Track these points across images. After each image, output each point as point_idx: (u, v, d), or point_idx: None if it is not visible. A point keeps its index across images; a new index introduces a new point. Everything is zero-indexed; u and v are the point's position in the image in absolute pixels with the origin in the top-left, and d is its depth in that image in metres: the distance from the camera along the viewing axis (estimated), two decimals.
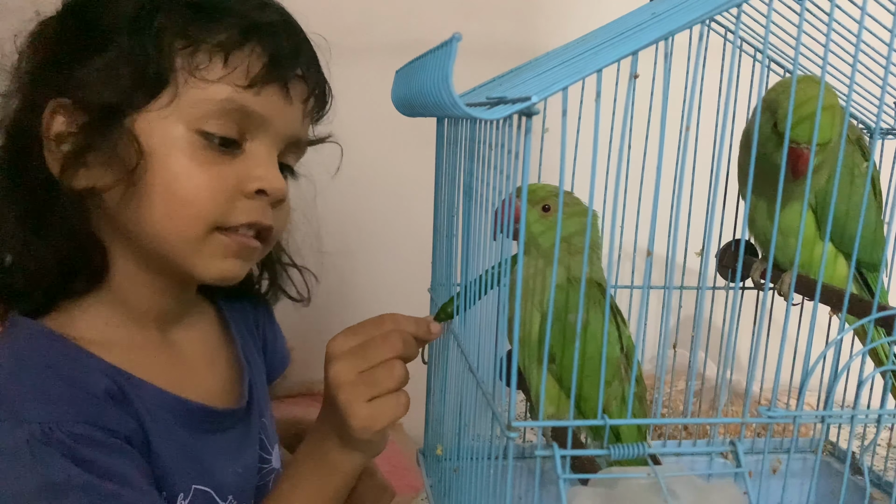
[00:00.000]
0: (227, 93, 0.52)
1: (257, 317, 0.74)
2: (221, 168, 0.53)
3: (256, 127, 0.55)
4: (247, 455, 0.63)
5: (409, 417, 0.55)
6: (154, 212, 0.52)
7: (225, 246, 0.55)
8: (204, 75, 0.52)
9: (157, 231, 0.53)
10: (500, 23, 1.19)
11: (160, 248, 0.54)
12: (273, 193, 0.55)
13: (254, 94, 0.53)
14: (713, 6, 0.38)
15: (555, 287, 0.49)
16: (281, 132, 0.57)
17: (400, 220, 1.23)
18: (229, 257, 0.55)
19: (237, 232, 0.55)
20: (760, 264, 0.71)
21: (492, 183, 0.44)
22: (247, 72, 0.53)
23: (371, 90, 0.94)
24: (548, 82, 0.37)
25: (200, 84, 0.52)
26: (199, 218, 0.53)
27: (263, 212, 0.56)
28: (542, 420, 0.49)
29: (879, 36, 0.51)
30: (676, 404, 1.03)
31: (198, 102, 0.52)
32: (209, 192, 0.52)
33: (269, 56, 0.54)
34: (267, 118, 0.55)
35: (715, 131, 0.58)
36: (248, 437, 0.63)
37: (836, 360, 0.50)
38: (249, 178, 0.54)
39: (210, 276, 0.56)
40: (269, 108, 0.55)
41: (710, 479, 0.49)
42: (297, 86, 0.57)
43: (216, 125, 0.53)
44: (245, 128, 0.54)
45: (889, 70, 0.46)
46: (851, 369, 0.49)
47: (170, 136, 0.52)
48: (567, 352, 0.58)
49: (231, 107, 0.53)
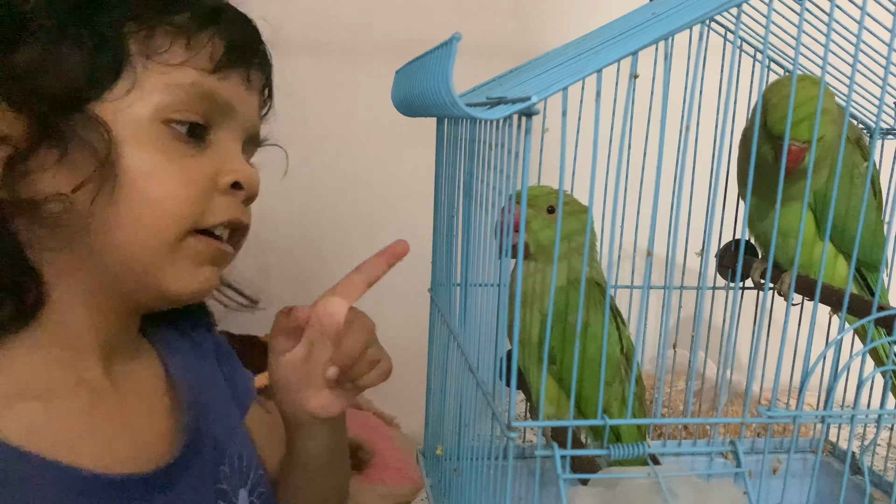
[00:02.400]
0: (192, 77, 0.48)
1: (208, 342, 0.65)
2: (193, 161, 0.49)
3: (223, 115, 0.51)
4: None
5: (409, 417, 0.55)
6: (121, 216, 0.46)
7: (199, 252, 0.50)
8: (165, 59, 0.47)
9: (126, 239, 0.46)
10: (500, 23, 1.19)
11: (125, 262, 0.47)
12: (249, 185, 0.52)
13: (219, 79, 0.50)
14: (713, 6, 0.38)
15: (555, 288, 0.49)
16: (244, 122, 0.53)
17: (400, 220, 1.23)
18: (204, 265, 0.50)
19: (212, 235, 0.50)
20: (760, 264, 0.71)
21: (492, 183, 0.44)
22: (211, 55, 0.49)
23: (371, 90, 0.94)
24: (548, 82, 0.37)
25: (162, 69, 0.47)
26: (175, 218, 0.48)
27: (239, 208, 0.52)
28: (542, 420, 0.49)
29: (879, 36, 0.51)
30: (676, 404, 1.03)
31: (162, 88, 0.47)
32: (184, 188, 0.48)
33: (228, 42, 0.50)
34: (233, 106, 0.51)
35: (715, 131, 0.58)
36: (193, 494, 0.53)
37: (836, 360, 0.50)
38: (223, 171, 0.50)
39: (183, 289, 0.50)
40: (234, 95, 0.51)
41: (710, 479, 0.49)
42: (255, 74, 0.54)
43: (183, 113, 0.48)
44: (211, 116, 0.50)
45: (889, 70, 0.46)
46: (851, 369, 0.49)
47: (133, 128, 0.46)
48: (567, 352, 0.58)
49: (198, 92, 0.48)
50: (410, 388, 0.85)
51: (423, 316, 0.71)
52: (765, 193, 0.64)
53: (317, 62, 1.16)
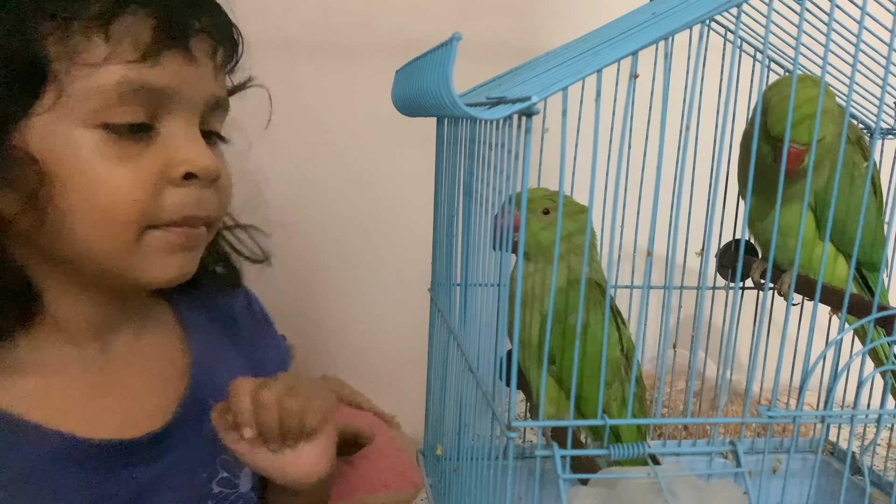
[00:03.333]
0: (119, 74, 0.44)
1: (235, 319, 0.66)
2: (139, 160, 0.46)
3: (166, 103, 0.47)
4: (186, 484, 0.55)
5: (409, 417, 0.55)
6: (76, 229, 0.46)
7: (166, 241, 0.49)
8: (86, 59, 0.44)
9: (86, 248, 0.47)
10: (500, 23, 1.19)
11: (95, 265, 0.48)
12: (203, 173, 0.49)
13: (151, 66, 0.45)
14: (713, 6, 0.38)
15: (555, 289, 0.49)
16: (195, 100, 0.49)
17: (400, 220, 1.23)
18: (175, 252, 0.49)
19: (175, 226, 0.49)
20: (760, 264, 0.71)
21: (492, 183, 0.44)
22: (135, 42, 0.45)
23: (371, 90, 0.94)
24: (548, 82, 0.37)
25: (86, 71, 0.44)
26: (124, 222, 0.46)
27: (199, 200, 0.49)
28: (542, 420, 0.49)
29: (879, 36, 0.51)
30: (676, 404, 1.03)
31: (89, 93, 0.44)
32: (130, 192, 0.46)
33: (156, 17, 0.46)
34: (175, 90, 0.47)
35: (715, 131, 0.58)
36: (190, 461, 0.55)
37: (836, 360, 0.50)
38: (173, 163, 0.48)
39: (158, 279, 0.50)
40: (174, 77, 0.47)
41: (710, 479, 0.49)
42: (200, 42, 0.49)
43: (119, 114, 0.45)
44: (153, 107, 0.47)
45: (889, 70, 0.46)
46: (851, 369, 0.49)
47: (69, 139, 0.44)
48: (567, 353, 0.58)
49: (129, 89, 0.45)
50: (410, 388, 0.85)
51: (423, 316, 0.71)
52: (765, 193, 0.64)
53: (317, 62, 1.16)
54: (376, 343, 1.28)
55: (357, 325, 1.30)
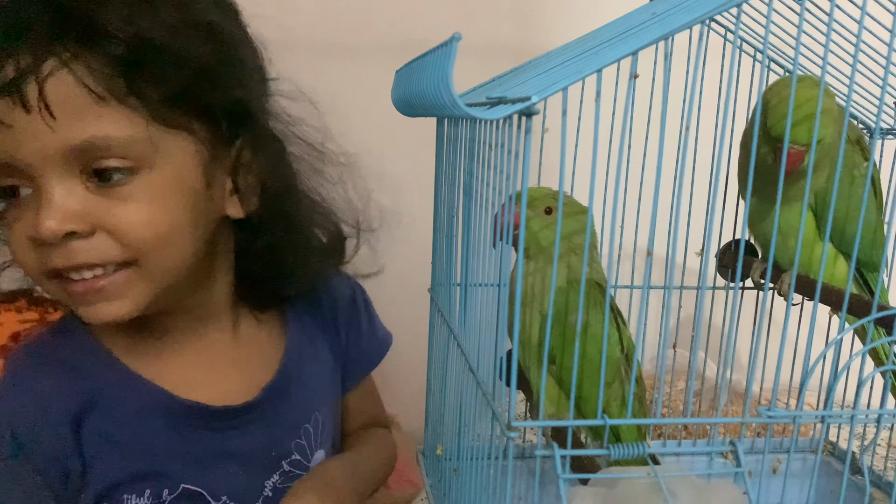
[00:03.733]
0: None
1: (336, 313, 0.69)
2: (12, 224, 0.48)
3: (7, 170, 0.45)
4: (256, 457, 0.60)
5: (409, 417, 0.55)
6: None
7: (66, 294, 0.49)
8: None
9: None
10: (500, 23, 1.19)
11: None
12: (42, 238, 0.45)
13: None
14: (713, 6, 0.38)
15: (555, 289, 0.49)
16: (29, 161, 0.44)
17: (400, 220, 1.23)
18: (80, 305, 0.50)
19: (71, 278, 0.48)
20: (760, 264, 0.71)
21: (492, 183, 0.44)
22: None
23: (371, 90, 0.94)
24: (548, 82, 0.37)
25: None
26: (33, 275, 0.50)
27: (70, 253, 0.47)
28: (542, 420, 0.49)
29: (879, 36, 0.51)
30: (676, 404, 1.03)
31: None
32: (15, 247, 0.48)
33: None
34: (9, 154, 0.44)
35: (715, 131, 0.58)
36: (264, 439, 0.60)
37: (836, 360, 0.50)
38: (32, 223, 0.46)
39: (87, 320, 0.50)
40: (5, 141, 0.44)
41: (710, 479, 0.49)
42: (2, 103, 0.43)
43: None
44: (6, 174, 0.46)
45: (889, 70, 0.46)
46: (851, 369, 0.49)
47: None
48: (567, 353, 0.58)
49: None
50: (410, 387, 0.85)
51: (423, 316, 0.71)
52: (765, 193, 0.64)
53: (317, 62, 1.16)
54: None
55: None
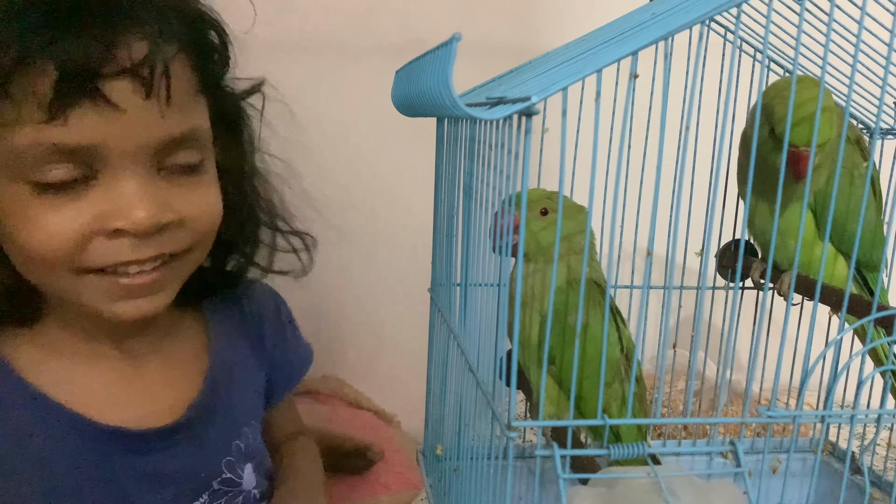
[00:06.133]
0: (29, 137, 0.42)
1: (263, 325, 0.67)
2: (66, 210, 0.44)
3: (97, 156, 0.44)
4: (184, 479, 0.56)
5: (409, 417, 0.55)
6: (18, 265, 0.47)
7: (105, 290, 0.47)
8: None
9: (35, 278, 0.48)
10: (500, 23, 1.19)
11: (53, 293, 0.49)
12: (134, 228, 0.45)
13: (60, 125, 0.41)
14: (713, 6, 0.38)
15: (554, 289, 0.49)
16: (129, 150, 0.44)
17: (400, 221, 1.23)
18: (119, 300, 0.48)
19: (114, 274, 0.47)
20: (760, 264, 0.71)
21: (492, 183, 0.44)
22: (38, 101, 0.41)
23: (371, 90, 0.94)
24: (548, 82, 0.37)
25: (2, 132, 0.42)
26: (52, 266, 0.46)
27: (125, 250, 0.46)
28: (542, 420, 0.49)
29: (879, 36, 0.51)
30: (676, 404, 1.03)
31: (9, 155, 0.42)
32: (52, 239, 0.44)
33: (59, 69, 0.41)
34: (97, 145, 0.43)
35: (715, 131, 0.58)
36: (192, 459, 0.57)
37: (835, 360, 0.50)
38: (106, 216, 0.45)
39: (116, 318, 0.49)
40: (92, 132, 0.43)
41: (710, 479, 0.49)
42: (122, 85, 0.43)
43: (44, 173, 0.43)
44: (85, 161, 0.44)
45: (889, 70, 0.46)
46: (851, 369, 0.49)
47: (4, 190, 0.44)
48: (567, 353, 0.58)
49: (43, 151, 0.42)
50: (410, 387, 0.85)
51: (423, 316, 0.71)
52: (765, 194, 0.64)
53: (317, 62, 1.16)
54: (376, 343, 1.28)
55: (357, 325, 1.30)
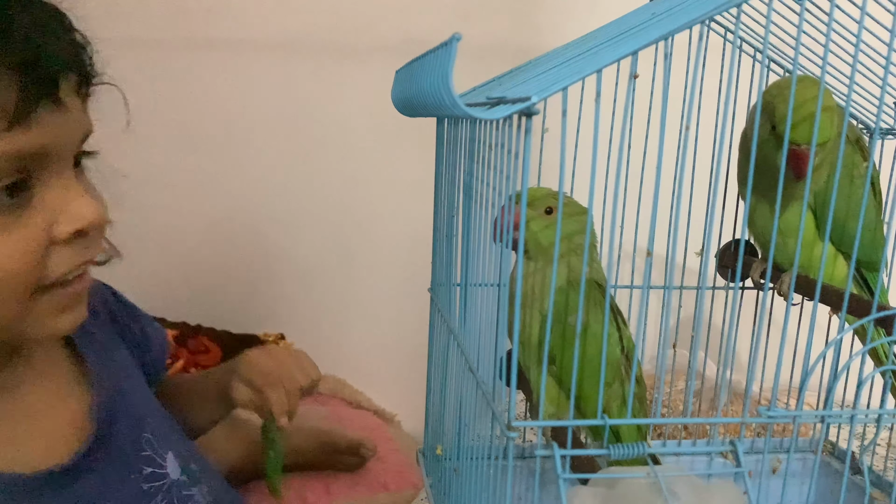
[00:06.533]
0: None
1: (115, 316, 0.65)
2: (16, 228, 0.43)
3: (41, 162, 0.43)
4: (108, 497, 0.53)
5: (409, 416, 0.55)
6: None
7: (57, 303, 0.46)
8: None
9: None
10: (500, 23, 1.19)
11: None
12: (92, 227, 0.45)
13: (22, 132, 0.41)
14: (713, 6, 0.38)
15: (555, 289, 0.49)
16: (70, 147, 0.45)
17: (399, 221, 1.23)
18: (62, 312, 0.47)
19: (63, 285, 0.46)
20: (760, 264, 0.71)
21: (492, 183, 0.44)
22: (2, 110, 0.40)
23: (371, 90, 0.94)
24: (548, 82, 0.37)
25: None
26: (10, 292, 0.43)
27: (86, 248, 0.46)
28: (542, 420, 0.49)
29: (879, 36, 0.51)
30: (676, 404, 1.03)
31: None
32: (10, 263, 0.42)
33: (21, 74, 0.40)
34: (51, 146, 0.43)
35: (715, 131, 0.58)
36: (115, 474, 0.54)
37: (835, 360, 0.50)
38: (58, 222, 0.44)
39: (54, 332, 0.48)
40: (48, 133, 0.43)
41: (710, 479, 0.49)
42: (67, 84, 0.44)
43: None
44: (27, 170, 0.43)
45: (889, 70, 0.46)
46: (851, 369, 0.49)
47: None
48: (567, 353, 0.58)
49: (5, 163, 0.41)
50: (410, 387, 0.85)
51: (423, 316, 0.71)
52: (765, 193, 0.64)
53: (317, 62, 1.16)
54: (376, 343, 1.28)
55: (357, 325, 1.30)
